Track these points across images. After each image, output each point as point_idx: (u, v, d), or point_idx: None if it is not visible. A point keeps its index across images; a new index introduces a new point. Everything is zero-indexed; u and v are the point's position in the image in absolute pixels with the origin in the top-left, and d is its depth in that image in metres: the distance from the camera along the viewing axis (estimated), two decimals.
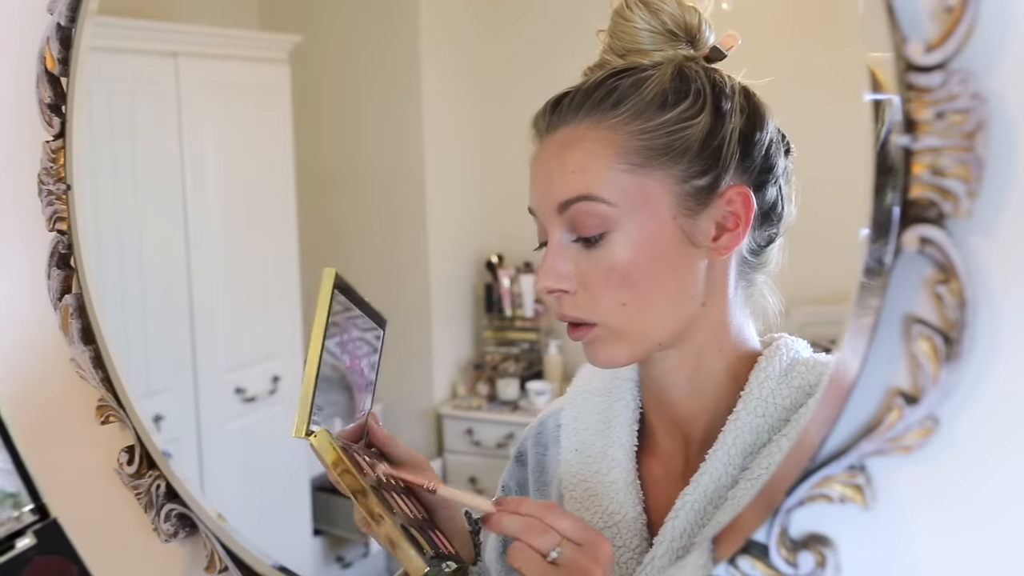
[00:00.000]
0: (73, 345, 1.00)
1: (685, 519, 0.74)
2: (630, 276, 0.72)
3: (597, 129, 0.73)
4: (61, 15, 0.95)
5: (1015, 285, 0.58)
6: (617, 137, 0.72)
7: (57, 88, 0.98)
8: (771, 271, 0.79)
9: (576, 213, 0.72)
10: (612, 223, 0.72)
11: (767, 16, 1.02)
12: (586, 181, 0.72)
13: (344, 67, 1.75)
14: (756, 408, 0.74)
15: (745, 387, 0.75)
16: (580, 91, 0.75)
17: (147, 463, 0.99)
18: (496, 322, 1.67)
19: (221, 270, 1.64)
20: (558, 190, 0.73)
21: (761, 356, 0.76)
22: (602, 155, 0.72)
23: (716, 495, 0.74)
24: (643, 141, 0.72)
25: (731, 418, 0.74)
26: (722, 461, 0.73)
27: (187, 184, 1.57)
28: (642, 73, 0.73)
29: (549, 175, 0.75)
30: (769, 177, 0.75)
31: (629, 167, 0.72)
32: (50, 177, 0.99)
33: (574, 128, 0.74)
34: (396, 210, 1.71)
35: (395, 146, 1.72)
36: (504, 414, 1.62)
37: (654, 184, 0.72)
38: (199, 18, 1.65)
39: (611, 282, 0.73)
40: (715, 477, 0.74)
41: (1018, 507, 0.60)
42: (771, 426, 0.73)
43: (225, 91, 1.68)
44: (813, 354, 0.77)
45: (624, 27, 0.75)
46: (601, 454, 0.82)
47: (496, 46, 1.58)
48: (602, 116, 0.73)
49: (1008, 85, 0.57)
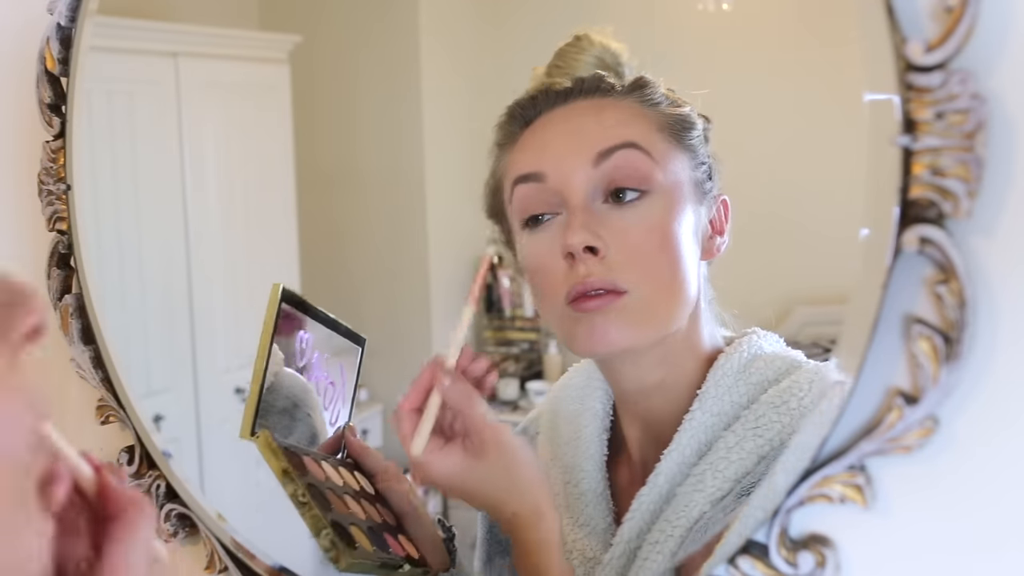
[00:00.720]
0: (73, 345, 1.00)
1: (640, 519, 0.73)
2: (666, 245, 0.71)
3: (626, 102, 0.74)
4: (61, 15, 0.95)
5: (1015, 285, 0.58)
6: (649, 112, 0.74)
7: (57, 88, 0.98)
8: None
9: (620, 162, 0.71)
10: (653, 182, 0.71)
11: (766, 16, 1.02)
12: (631, 133, 0.72)
13: (344, 66, 1.75)
14: (711, 407, 0.73)
15: (702, 386, 0.74)
16: (585, 80, 0.76)
17: (147, 463, 0.99)
18: (496, 322, 1.67)
19: (221, 270, 1.64)
20: (597, 139, 0.72)
21: (722, 354, 0.76)
22: (643, 120, 0.73)
23: (670, 493, 0.73)
24: (671, 121, 0.74)
25: (687, 417, 0.73)
26: (676, 461, 0.73)
27: (187, 184, 1.57)
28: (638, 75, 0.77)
29: (580, 129, 0.74)
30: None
31: (665, 138, 0.73)
32: (50, 177, 0.99)
33: (599, 100, 0.75)
34: (396, 210, 1.71)
35: (395, 146, 1.72)
36: (504, 414, 1.62)
37: (681, 160, 0.73)
38: (199, 18, 1.65)
39: (652, 243, 0.71)
40: (670, 477, 0.73)
41: (1018, 507, 0.60)
42: (725, 423, 0.73)
43: (225, 91, 1.68)
44: (779, 349, 0.76)
45: (573, 56, 0.78)
46: (572, 465, 0.81)
47: (497, 47, 1.58)
48: (622, 97, 0.74)
49: (1008, 85, 0.57)
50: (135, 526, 0.45)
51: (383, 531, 0.74)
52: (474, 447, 0.68)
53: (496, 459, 0.68)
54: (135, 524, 0.45)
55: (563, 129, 0.74)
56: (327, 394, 0.83)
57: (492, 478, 0.68)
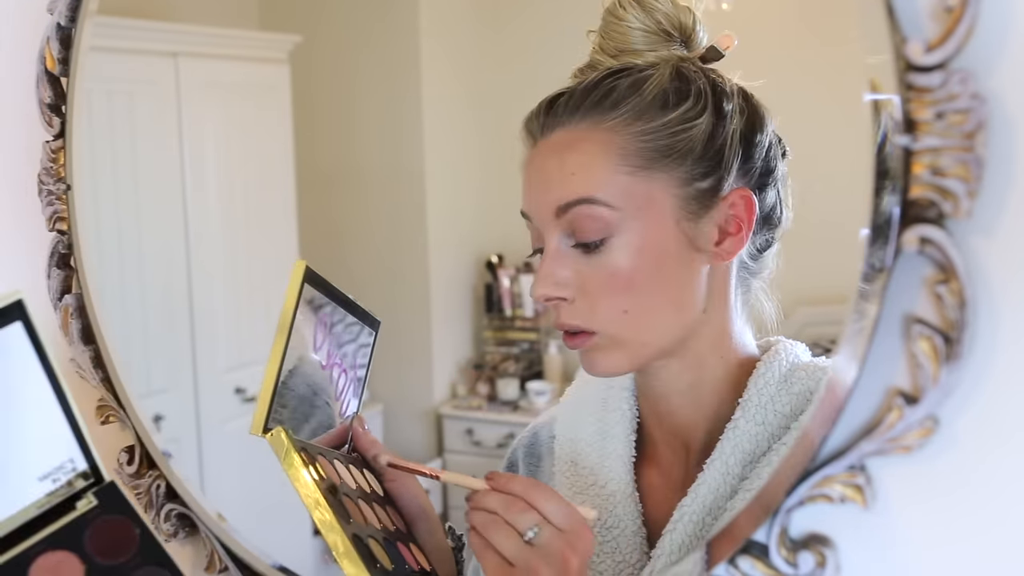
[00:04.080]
0: (73, 345, 1.00)
1: (683, 531, 0.72)
2: (632, 282, 0.70)
3: (596, 131, 0.71)
4: (61, 15, 0.95)
5: (1015, 285, 0.58)
6: (618, 139, 0.70)
7: (57, 88, 0.98)
8: (766, 276, 0.77)
9: (576, 217, 0.70)
10: (613, 227, 0.70)
11: (766, 16, 1.02)
12: (587, 184, 0.70)
13: (344, 67, 1.75)
14: (755, 416, 0.72)
15: (744, 394, 0.73)
16: (576, 92, 0.73)
17: (147, 463, 0.99)
18: (496, 322, 1.67)
19: (221, 270, 1.64)
20: (557, 192, 0.71)
21: (760, 362, 0.74)
22: (603, 157, 0.70)
23: (715, 506, 0.72)
24: (645, 143, 0.70)
25: (729, 426, 0.72)
26: (720, 471, 0.72)
27: (187, 184, 1.57)
28: (640, 73, 0.72)
29: (547, 178, 0.73)
30: (769, 180, 0.74)
31: (631, 169, 0.70)
32: (50, 177, 0.99)
33: (572, 130, 0.72)
34: (396, 210, 1.71)
35: (395, 146, 1.72)
36: (504, 414, 1.62)
37: (657, 187, 0.70)
38: (199, 18, 1.66)
39: (613, 288, 0.71)
40: (713, 488, 0.72)
41: (1018, 506, 0.60)
42: (771, 434, 0.72)
43: (225, 91, 1.68)
44: (812, 358, 0.75)
45: (617, 26, 0.74)
46: (598, 466, 0.80)
47: (496, 46, 1.58)
48: (601, 117, 0.71)
49: (1008, 85, 0.57)
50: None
51: (396, 541, 0.72)
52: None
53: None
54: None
55: (537, 173, 0.74)
56: (339, 381, 0.80)
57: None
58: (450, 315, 1.69)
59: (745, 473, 0.71)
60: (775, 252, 0.77)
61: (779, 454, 0.70)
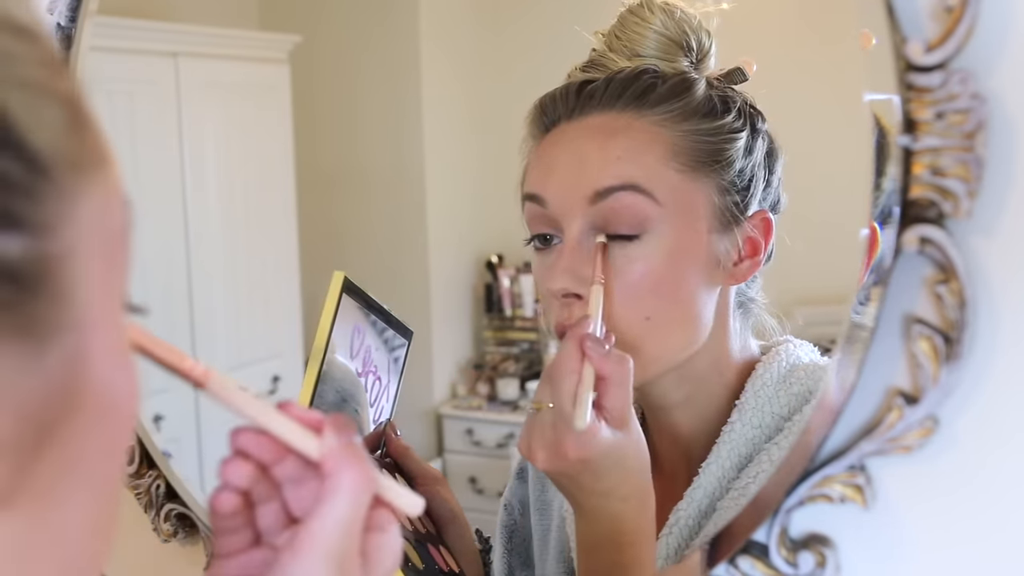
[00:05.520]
0: None
1: (679, 535, 0.72)
2: (659, 287, 0.67)
3: (643, 121, 0.68)
4: (61, 15, 0.95)
5: (1015, 285, 0.58)
6: (668, 134, 0.68)
7: None
8: (757, 297, 0.76)
9: (615, 205, 0.66)
10: (650, 223, 0.66)
11: (766, 16, 1.02)
12: (634, 170, 0.66)
13: (344, 67, 1.75)
14: (751, 419, 0.71)
15: (740, 397, 0.72)
16: (613, 80, 0.69)
17: (147, 463, 0.99)
18: (496, 322, 1.67)
19: (221, 270, 1.64)
20: (596, 175, 0.67)
21: (759, 364, 0.73)
22: (654, 148, 0.67)
23: (709, 508, 0.71)
24: (696, 143, 0.68)
25: (725, 429, 0.71)
26: (715, 475, 0.71)
27: (187, 184, 1.57)
28: (678, 77, 0.70)
29: (583, 159, 0.68)
30: (779, 207, 0.74)
31: (680, 167, 0.67)
32: None
33: (614, 116, 0.68)
34: (396, 210, 1.72)
35: (395, 146, 1.72)
36: (504, 414, 1.62)
37: (700, 191, 0.68)
38: (199, 18, 1.66)
39: (638, 290, 0.67)
40: (709, 491, 0.71)
41: (1019, 506, 0.60)
42: (767, 435, 0.71)
43: (225, 91, 1.68)
44: (816, 358, 0.75)
45: (639, 27, 0.72)
46: None
47: (496, 46, 1.58)
48: (647, 109, 0.68)
49: (1008, 85, 0.57)
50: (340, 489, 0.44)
51: (427, 542, 0.72)
52: (615, 420, 0.63)
53: (632, 432, 0.63)
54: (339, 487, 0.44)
55: (568, 154, 0.70)
56: (374, 389, 0.79)
57: (631, 453, 0.63)
58: (450, 315, 1.69)
59: (735, 473, 0.71)
60: (760, 285, 0.76)
61: (769, 454, 0.70)
